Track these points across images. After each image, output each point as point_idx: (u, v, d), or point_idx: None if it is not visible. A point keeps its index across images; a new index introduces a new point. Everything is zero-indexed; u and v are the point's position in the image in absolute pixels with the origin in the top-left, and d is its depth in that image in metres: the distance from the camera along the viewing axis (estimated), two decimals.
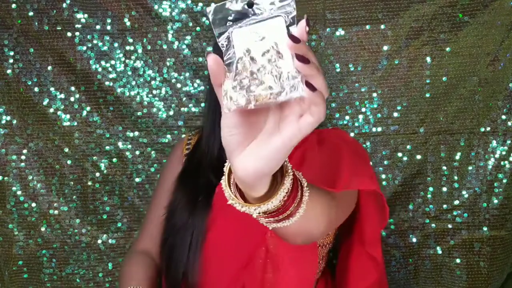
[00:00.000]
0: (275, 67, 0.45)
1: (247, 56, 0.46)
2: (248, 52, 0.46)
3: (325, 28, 1.24)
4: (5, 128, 1.24)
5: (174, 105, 1.29)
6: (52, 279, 1.27)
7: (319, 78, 0.45)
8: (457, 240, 1.25)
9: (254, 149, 0.49)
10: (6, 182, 1.25)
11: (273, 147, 0.48)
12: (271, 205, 0.54)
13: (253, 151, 0.49)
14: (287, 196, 0.55)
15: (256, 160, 0.49)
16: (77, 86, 1.26)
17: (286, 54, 0.45)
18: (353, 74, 1.25)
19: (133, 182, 1.30)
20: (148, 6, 1.25)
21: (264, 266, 0.94)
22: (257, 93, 0.44)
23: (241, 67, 0.46)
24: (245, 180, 0.51)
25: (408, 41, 1.22)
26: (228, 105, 0.46)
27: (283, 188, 0.54)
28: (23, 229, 1.25)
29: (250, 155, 0.49)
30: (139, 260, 1.08)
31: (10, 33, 1.23)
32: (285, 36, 0.45)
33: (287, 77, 0.45)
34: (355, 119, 1.26)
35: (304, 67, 0.44)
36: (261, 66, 0.45)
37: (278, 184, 0.55)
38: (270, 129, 0.49)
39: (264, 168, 0.49)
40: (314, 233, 0.70)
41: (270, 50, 0.45)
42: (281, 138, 0.47)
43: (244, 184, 0.53)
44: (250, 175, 0.50)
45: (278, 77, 0.45)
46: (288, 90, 0.44)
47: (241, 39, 0.47)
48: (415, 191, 1.26)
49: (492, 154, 1.22)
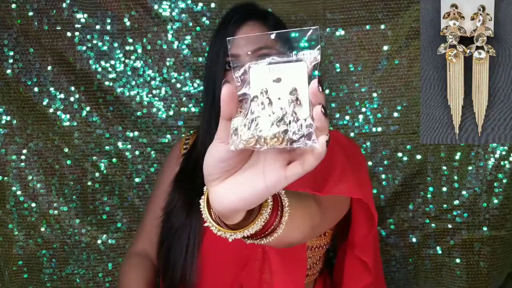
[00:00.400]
0: (292, 113, 0.43)
1: (264, 96, 0.44)
2: (265, 92, 0.44)
3: (325, 28, 1.24)
4: (5, 128, 1.24)
5: (174, 105, 1.29)
6: (52, 279, 1.27)
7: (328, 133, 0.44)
8: (457, 240, 1.24)
9: (234, 186, 0.47)
10: (6, 182, 1.24)
11: (253, 190, 0.46)
12: (247, 232, 0.52)
13: (233, 188, 0.47)
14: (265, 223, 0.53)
15: (234, 198, 0.47)
16: (77, 86, 1.26)
17: (304, 101, 0.43)
18: (353, 74, 1.25)
19: (133, 182, 1.30)
20: (148, 6, 1.25)
21: (261, 267, 0.94)
22: (269, 135, 0.43)
23: (255, 107, 0.44)
24: (219, 211, 0.50)
25: (408, 41, 1.22)
26: (235, 142, 0.44)
27: (260, 219, 0.52)
28: (23, 229, 1.25)
29: (228, 190, 0.48)
30: (138, 263, 1.08)
31: (10, 33, 1.23)
32: (305, 83, 0.43)
33: (301, 125, 0.43)
34: (355, 119, 1.26)
35: (324, 120, 0.43)
36: (277, 109, 0.43)
37: (255, 214, 0.53)
38: (254, 170, 0.47)
39: (240, 207, 0.48)
40: (296, 239, 0.69)
41: (289, 95, 0.44)
42: (264, 183, 0.46)
43: (218, 214, 0.51)
44: (224, 209, 0.49)
45: (294, 124, 0.43)
46: (301, 139, 0.43)
47: (259, 77, 0.45)
48: (415, 191, 1.26)
49: (492, 154, 1.22)
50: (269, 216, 0.53)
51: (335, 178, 0.85)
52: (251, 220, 0.53)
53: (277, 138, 0.43)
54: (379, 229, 1.27)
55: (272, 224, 0.55)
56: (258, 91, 0.44)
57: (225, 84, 0.44)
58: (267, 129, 0.43)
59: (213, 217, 0.53)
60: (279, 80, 0.44)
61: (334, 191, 0.81)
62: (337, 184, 0.83)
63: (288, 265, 0.86)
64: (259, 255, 0.94)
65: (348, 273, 1.01)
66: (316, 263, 1.03)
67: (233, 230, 0.53)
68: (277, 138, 0.43)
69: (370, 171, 1.26)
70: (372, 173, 1.26)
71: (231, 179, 0.48)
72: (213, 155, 0.47)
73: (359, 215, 0.96)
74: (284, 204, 0.57)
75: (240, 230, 0.52)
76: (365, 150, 1.26)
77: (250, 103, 0.45)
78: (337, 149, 0.94)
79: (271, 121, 0.43)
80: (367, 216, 0.95)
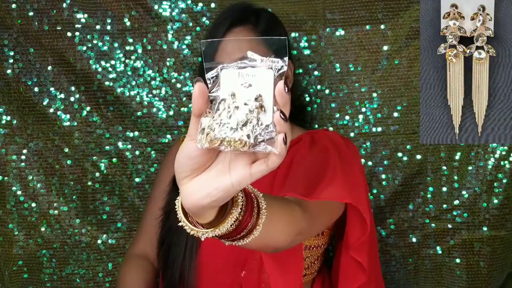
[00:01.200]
0: (256, 118, 0.46)
1: (231, 100, 0.47)
2: (233, 96, 0.47)
3: (325, 28, 1.24)
4: (5, 128, 1.24)
5: (174, 105, 1.29)
6: (52, 279, 1.27)
7: (289, 136, 0.46)
8: (457, 240, 1.24)
9: (201, 183, 0.49)
10: (6, 182, 1.24)
11: (220, 186, 0.48)
12: (218, 231, 0.54)
13: (200, 185, 0.49)
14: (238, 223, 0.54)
15: (201, 195, 0.49)
16: (77, 86, 1.26)
17: (268, 108, 0.46)
18: (353, 74, 1.25)
19: (133, 182, 1.30)
20: (148, 6, 1.25)
21: (260, 266, 0.94)
22: (233, 138, 0.45)
23: (222, 109, 0.47)
24: (188, 208, 0.51)
25: (408, 41, 1.22)
26: (201, 141, 0.46)
27: (230, 218, 0.53)
28: (23, 229, 1.25)
29: (197, 188, 0.49)
30: (137, 265, 1.08)
31: (10, 33, 1.23)
32: (271, 90, 0.46)
33: (264, 129, 0.46)
34: (355, 119, 1.26)
35: (283, 123, 0.45)
36: (243, 113, 0.46)
37: (226, 213, 0.54)
38: (220, 167, 0.49)
39: (207, 204, 0.50)
40: (281, 244, 0.70)
41: (254, 101, 0.46)
42: (230, 180, 0.48)
43: (188, 211, 0.53)
44: (193, 206, 0.50)
45: (257, 128, 0.46)
46: (263, 143, 0.46)
47: (229, 80, 0.47)
48: (415, 191, 1.26)
49: (492, 154, 1.22)
50: (242, 216, 0.55)
51: (325, 182, 0.84)
52: (222, 219, 0.54)
53: (240, 141, 0.45)
54: (379, 229, 1.27)
55: (247, 225, 0.56)
56: (226, 93, 0.47)
57: (197, 83, 0.47)
58: (231, 132, 0.46)
59: (188, 216, 0.55)
60: (246, 85, 0.47)
61: (322, 196, 0.81)
62: (325, 188, 0.83)
63: (284, 264, 0.86)
64: (257, 255, 0.94)
65: (343, 273, 1.01)
66: (314, 262, 1.03)
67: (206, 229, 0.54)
68: (240, 141, 0.45)
69: (370, 171, 1.26)
70: (372, 173, 1.26)
71: (199, 177, 0.50)
72: (183, 152, 0.49)
73: (353, 218, 0.96)
74: (261, 206, 0.57)
75: (211, 229, 0.54)
76: (365, 150, 1.26)
77: (218, 105, 0.47)
78: (332, 151, 0.93)
79: (236, 124, 0.46)
80: (360, 219, 0.94)
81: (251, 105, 0.46)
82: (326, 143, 0.97)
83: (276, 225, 0.64)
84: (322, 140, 0.99)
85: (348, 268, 0.99)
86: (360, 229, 0.95)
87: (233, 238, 0.57)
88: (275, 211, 0.63)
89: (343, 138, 1.03)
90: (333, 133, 1.07)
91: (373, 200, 1.27)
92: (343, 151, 0.96)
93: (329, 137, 1.00)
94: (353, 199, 0.86)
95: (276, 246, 0.69)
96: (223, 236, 0.55)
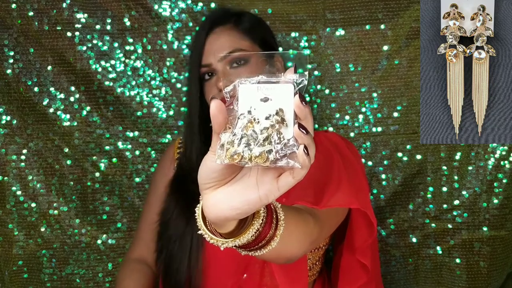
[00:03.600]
0: (277, 132, 0.45)
1: (251, 115, 0.46)
2: (253, 110, 0.46)
3: (325, 28, 1.24)
4: (5, 128, 1.24)
5: (174, 105, 1.29)
6: (52, 279, 1.27)
7: (312, 147, 0.46)
8: (457, 240, 1.24)
9: (226, 195, 0.49)
10: (6, 182, 1.24)
11: (246, 200, 0.48)
12: (239, 242, 0.53)
13: (225, 197, 0.49)
14: (257, 234, 0.54)
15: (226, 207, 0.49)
16: (77, 86, 1.26)
17: (289, 122, 0.45)
18: (353, 74, 1.25)
19: (133, 182, 1.30)
20: (148, 6, 1.25)
21: (262, 270, 0.94)
22: (254, 153, 0.45)
23: (242, 124, 0.46)
24: (210, 219, 0.51)
25: (408, 41, 1.22)
26: (221, 157, 0.46)
27: (251, 229, 0.53)
28: (23, 229, 1.25)
29: (221, 199, 0.49)
30: (135, 269, 1.08)
31: (10, 33, 1.23)
32: (291, 104, 0.45)
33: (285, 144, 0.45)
34: (355, 119, 1.26)
35: (303, 136, 0.45)
36: (264, 128, 0.45)
37: (247, 223, 0.54)
38: (247, 181, 0.48)
39: (231, 216, 0.49)
40: (295, 255, 0.70)
41: (275, 115, 0.45)
42: (257, 194, 0.47)
43: (210, 221, 0.52)
44: (216, 217, 0.50)
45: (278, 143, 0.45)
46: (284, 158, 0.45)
47: (247, 95, 0.46)
48: (415, 191, 1.26)
49: (492, 154, 1.22)
50: (262, 227, 0.54)
51: (332, 189, 0.84)
52: (242, 230, 0.54)
53: (261, 157, 0.44)
54: (379, 229, 1.27)
55: (265, 236, 0.55)
56: (245, 109, 0.46)
57: (213, 100, 0.46)
58: (252, 147, 0.45)
59: (207, 225, 0.54)
60: (266, 99, 0.46)
61: (331, 203, 0.81)
62: (333, 195, 0.83)
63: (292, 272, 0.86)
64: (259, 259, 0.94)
65: (344, 274, 1.01)
66: (316, 263, 1.03)
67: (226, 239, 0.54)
68: (261, 157, 0.44)
69: (370, 171, 1.26)
70: (372, 173, 1.26)
71: (224, 188, 0.49)
72: (207, 165, 0.49)
73: (359, 221, 0.96)
74: (279, 218, 0.57)
75: (231, 239, 0.53)
76: (365, 150, 1.26)
77: (238, 120, 0.46)
78: (335, 155, 0.93)
79: (257, 139, 0.45)
80: (366, 222, 0.94)
81: (272, 120, 0.45)
82: (327, 145, 0.97)
83: (292, 235, 0.64)
84: (323, 143, 0.99)
85: (349, 269, 0.99)
86: (366, 233, 0.95)
87: (250, 249, 0.56)
88: (290, 221, 0.62)
89: (343, 139, 1.03)
90: (333, 134, 1.07)
91: (373, 200, 1.27)
92: (345, 153, 0.96)
93: (330, 140, 1.00)
94: (360, 204, 0.86)
95: (290, 256, 0.69)
96: (241, 246, 0.55)
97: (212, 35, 1.01)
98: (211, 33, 1.01)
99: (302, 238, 0.69)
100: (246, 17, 1.07)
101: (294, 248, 0.68)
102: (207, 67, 1.00)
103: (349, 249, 0.99)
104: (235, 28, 1.02)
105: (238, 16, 1.05)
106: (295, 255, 0.70)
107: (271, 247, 0.57)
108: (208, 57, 0.99)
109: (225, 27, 1.02)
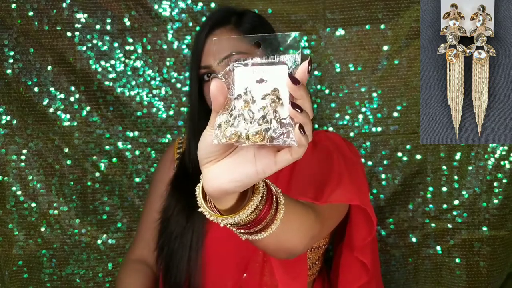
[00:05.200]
0: (273, 111, 0.46)
1: (247, 95, 0.47)
2: (249, 91, 0.47)
3: (325, 28, 1.24)
4: (5, 128, 1.24)
5: (174, 105, 1.29)
6: (52, 279, 1.27)
7: (309, 125, 0.46)
8: (457, 240, 1.25)
9: (225, 168, 0.50)
10: (6, 182, 1.24)
11: (244, 173, 0.49)
12: (238, 218, 0.54)
13: (224, 170, 0.50)
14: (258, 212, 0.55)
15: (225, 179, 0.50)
16: (77, 86, 1.26)
17: (285, 101, 0.46)
18: (353, 74, 1.25)
19: (133, 182, 1.30)
20: (148, 6, 1.25)
21: (262, 269, 0.94)
22: (251, 132, 0.46)
23: (239, 105, 0.47)
24: (210, 192, 0.52)
25: (408, 41, 1.22)
26: (218, 137, 0.47)
27: (251, 205, 0.54)
28: (23, 229, 1.25)
29: (220, 172, 0.50)
30: (135, 269, 1.08)
31: (10, 33, 1.23)
32: (286, 84, 0.47)
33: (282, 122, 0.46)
34: (355, 119, 1.26)
35: (298, 115, 0.45)
36: (260, 108, 0.46)
37: (247, 200, 0.55)
38: (245, 155, 0.49)
39: (230, 188, 0.50)
40: (296, 248, 0.70)
41: (270, 95, 0.47)
42: (255, 167, 0.48)
43: (209, 196, 0.53)
44: (215, 190, 0.51)
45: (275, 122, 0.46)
46: (281, 137, 0.46)
47: (243, 77, 0.48)
48: (415, 191, 1.26)
49: (492, 154, 1.22)
50: (262, 205, 0.55)
51: (333, 185, 0.85)
52: (242, 207, 0.54)
53: (259, 135, 0.45)
54: (379, 229, 1.27)
55: (265, 217, 0.56)
56: (241, 90, 0.47)
57: (214, 79, 0.47)
58: (249, 126, 0.46)
59: (207, 201, 0.55)
60: (262, 80, 0.47)
61: (332, 199, 0.82)
62: (334, 191, 0.83)
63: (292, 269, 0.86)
64: (259, 257, 0.94)
65: (344, 273, 1.01)
66: (315, 263, 1.03)
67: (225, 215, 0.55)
68: (259, 135, 0.45)
69: (370, 171, 1.26)
70: (372, 173, 1.26)
71: (223, 162, 0.50)
72: (206, 140, 0.50)
73: (358, 218, 0.96)
74: (279, 201, 0.58)
75: (231, 215, 0.54)
76: (365, 150, 1.26)
77: (234, 101, 0.47)
78: (335, 153, 0.94)
79: (254, 119, 0.46)
80: (366, 220, 0.95)
81: (268, 99, 0.46)
82: (328, 143, 0.98)
83: (293, 224, 0.65)
84: (323, 141, 0.99)
85: (349, 268, 0.99)
86: (366, 230, 0.95)
87: (250, 231, 0.57)
88: (291, 209, 0.63)
89: (343, 139, 1.03)
90: (333, 134, 1.07)
91: (373, 200, 1.27)
92: (345, 152, 0.96)
93: (330, 139, 1.01)
94: (361, 201, 0.87)
95: (291, 248, 0.69)
96: (241, 226, 0.56)
97: (211, 37, 1.01)
98: (211, 35, 1.01)
99: (303, 230, 0.69)
100: (247, 18, 1.05)
101: (295, 239, 0.68)
102: (207, 69, 1.00)
103: (348, 247, 0.99)
104: (236, 29, 1.02)
105: (239, 17, 1.04)
106: (296, 249, 0.70)
107: (271, 230, 0.57)
108: (208, 59, 0.99)
109: (225, 29, 1.02)
